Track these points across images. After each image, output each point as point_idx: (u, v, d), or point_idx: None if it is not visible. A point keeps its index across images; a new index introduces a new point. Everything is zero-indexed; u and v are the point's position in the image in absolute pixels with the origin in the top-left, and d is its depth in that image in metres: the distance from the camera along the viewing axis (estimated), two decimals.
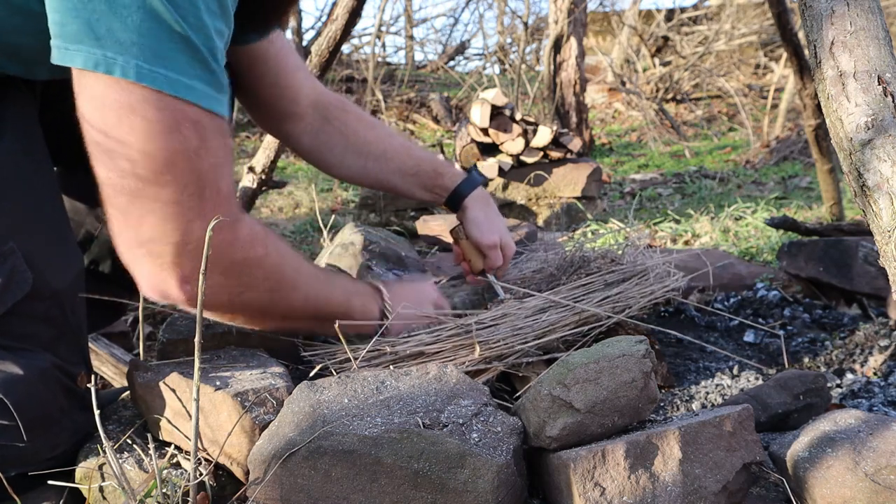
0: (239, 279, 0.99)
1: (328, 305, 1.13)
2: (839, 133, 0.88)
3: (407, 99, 7.44)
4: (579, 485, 0.85)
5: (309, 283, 1.09)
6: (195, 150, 0.89)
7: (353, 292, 1.19)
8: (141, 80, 0.84)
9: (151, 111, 0.85)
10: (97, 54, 0.83)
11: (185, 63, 0.86)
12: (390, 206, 3.56)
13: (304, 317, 1.11)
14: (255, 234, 1.00)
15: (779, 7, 2.38)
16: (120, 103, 0.85)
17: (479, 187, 1.54)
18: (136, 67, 0.83)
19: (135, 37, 0.83)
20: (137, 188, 0.88)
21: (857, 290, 1.71)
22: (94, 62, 0.83)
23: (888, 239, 0.81)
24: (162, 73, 0.85)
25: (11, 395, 0.93)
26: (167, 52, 0.85)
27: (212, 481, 0.96)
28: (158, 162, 0.87)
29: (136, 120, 0.85)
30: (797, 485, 0.89)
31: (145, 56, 0.84)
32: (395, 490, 0.85)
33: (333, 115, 1.48)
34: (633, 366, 0.93)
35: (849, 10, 0.90)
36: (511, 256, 1.55)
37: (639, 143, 6.43)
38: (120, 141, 0.86)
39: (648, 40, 8.13)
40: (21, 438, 0.94)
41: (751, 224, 2.92)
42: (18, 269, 0.98)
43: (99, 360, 1.55)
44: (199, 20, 0.87)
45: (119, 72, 0.83)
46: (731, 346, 1.60)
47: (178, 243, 0.90)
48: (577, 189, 3.58)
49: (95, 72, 0.83)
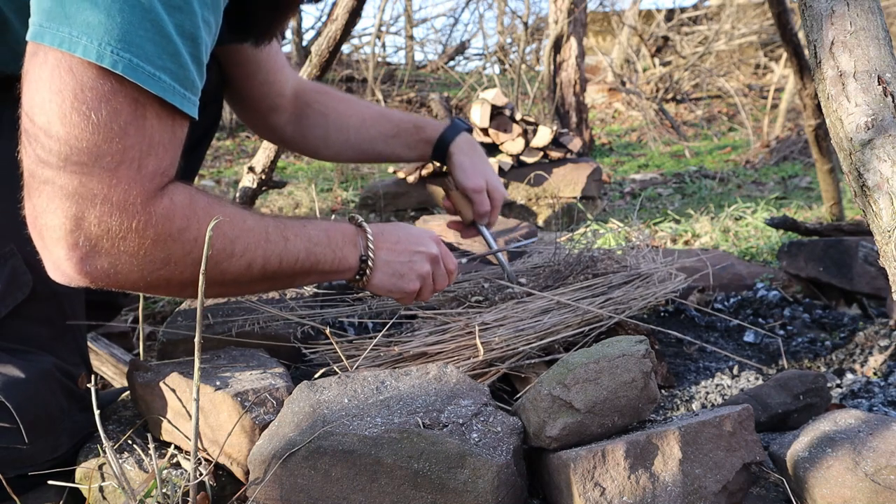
0: (152, 256, 0.89)
1: (282, 265, 1.02)
2: (839, 133, 0.88)
3: (407, 99, 7.44)
4: (579, 485, 0.85)
5: (250, 246, 0.98)
6: (126, 117, 0.83)
7: (320, 243, 1.07)
8: (102, 61, 0.79)
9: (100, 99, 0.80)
10: (64, 32, 0.79)
11: (154, 53, 0.82)
12: (390, 206, 3.56)
13: (249, 281, 1.02)
14: (175, 205, 0.90)
15: (779, 7, 2.38)
16: (77, 84, 0.80)
17: (462, 133, 1.51)
18: (99, 49, 0.79)
19: (104, 18, 0.79)
20: (51, 154, 0.82)
21: (857, 290, 1.71)
22: (60, 40, 0.79)
23: (888, 239, 0.81)
24: (126, 57, 0.80)
25: (13, 398, 0.93)
26: (137, 38, 0.80)
27: (212, 481, 0.96)
28: (80, 127, 0.81)
29: (76, 101, 0.80)
30: (797, 485, 0.89)
31: (111, 38, 0.79)
32: (395, 490, 0.85)
33: (313, 98, 1.49)
34: (633, 366, 0.93)
35: (849, 10, 0.90)
36: (500, 202, 1.50)
37: (639, 143, 6.43)
38: (47, 117, 0.81)
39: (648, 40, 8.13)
40: (22, 441, 0.93)
41: (751, 224, 2.92)
42: (19, 271, 0.98)
43: (99, 360, 1.55)
44: (189, 7, 0.84)
45: (81, 51, 0.79)
46: (731, 346, 1.60)
47: (75, 218, 0.83)
48: (577, 189, 3.58)
49: (59, 49, 0.79)
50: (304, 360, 1.29)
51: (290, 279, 1.05)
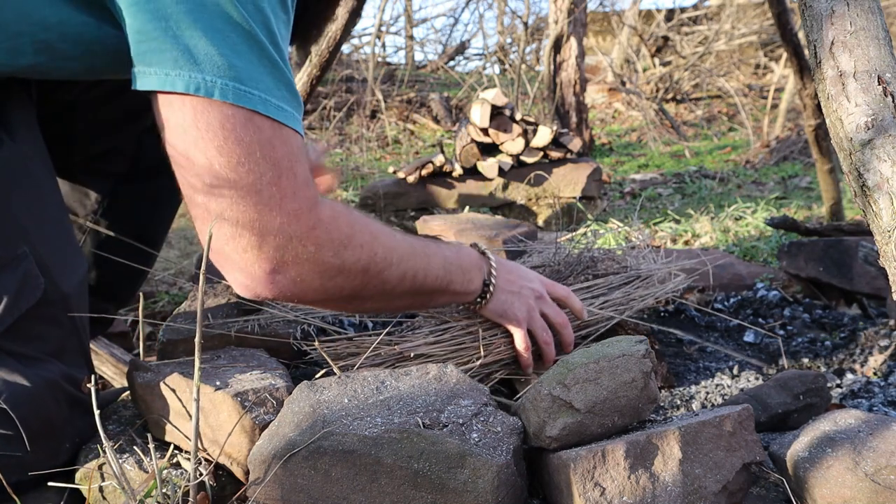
0: (329, 262, 0.95)
1: (426, 280, 1.07)
2: (839, 133, 0.88)
3: (407, 99, 7.44)
4: (579, 485, 0.85)
5: (404, 258, 1.03)
6: (268, 140, 0.89)
7: (454, 263, 1.11)
8: (238, 101, 0.85)
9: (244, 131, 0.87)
10: (198, 78, 0.85)
11: (273, 86, 0.89)
12: (390, 206, 3.56)
13: (401, 294, 1.06)
14: (338, 213, 0.97)
15: (779, 7, 2.38)
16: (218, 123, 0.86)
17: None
18: (234, 89, 0.85)
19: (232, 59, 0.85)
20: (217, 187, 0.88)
21: (857, 290, 1.71)
22: (196, 86, 0.85)
23: (888, 239, 0.81)
24: (257, 94, 0.87)
25: (18, 407, 0.93)
26: (259, 74, 0.87)
27: (212, 481, 0.96)
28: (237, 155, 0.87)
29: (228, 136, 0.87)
30: (797, 485, 0.89)
31: (241, 78, 0.86)
32: (395, 490, 0.85)
33: None
34: (633, 366, 0.93)
35: (849, 10, 0.90)
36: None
37: (639, 143, 6.43)
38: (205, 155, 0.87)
39: (648, 40, 8.12)
40: (24, 448, 0.93)
41: (751, 224, 2.92)
42: (31, 274, 0.98)
43: (99, 360, 1.55)
44: (282, 39, 0.91)
45: (218, 94, 0.85)
46: (731, 346, 1.60)
47: (260, 231, 0.89)
48: (577, 189, 3.58)
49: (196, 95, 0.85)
50: (304, 360, 1.29)
51: (429, 296, 1.10)
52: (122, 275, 1.37)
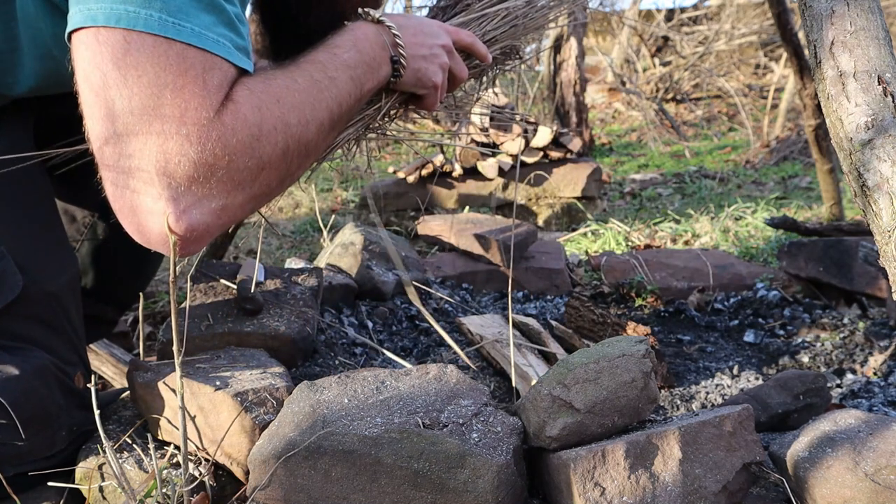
0: (245, 167, 0.82)
1: (342, 108, 0.96)
2: (839, 133, 0.88)
3: None
4: (579, 485, 0.85)
5: (314, 104, 0.92)
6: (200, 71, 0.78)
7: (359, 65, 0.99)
8: (165, 32, 0.76)
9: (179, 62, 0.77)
10: (119, 9, 0.75)
11: (211, 22, 0.80)
12: (390, 206, 3.56)
13: (324, 139, 0.95)
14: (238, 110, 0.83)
15: (779, 7, 2.38)
16: (144, 57, 0.76)
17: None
18: (160, 20, 0.76)
19: None
20: (127, 124, 0.77)
21: (857, 290, 1.71)
22: (117, 17, 0.76)
23: (888, 239, 0.81)
24: (188, 26, 0.77)
25: (8, 394, 0.93)
26: (193, 9, 0.78)
27: (212, 481, 0.96)
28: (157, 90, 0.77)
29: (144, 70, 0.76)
30: (797, 485, 0.89)
31: (169, 10, 0.76)
32: (395, 490, 0.85)
33: None
34: (633, 366, 0.93)
35: (849, 10, 0.90)
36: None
37: (639, 143, 6.43)
38: (126, 87, 0.76)
39: (648, 40, 8.12)
40: (19, 437, 0.94)
41: (751, 224, 2.92)
42: (8, 272, 0.99)
43: (99, 360, 1.55)
44: None
45: (142, 25, 0.75)
46: (731, 346, 1.60)
47: (163, 169, 0.77)
48: (577, 189, 3.58)
49: (116, 27, 0.75)
50: (306, 361, 1.29)
51: (348, 117, 0.99)
52: (122, 278, 1.38)
